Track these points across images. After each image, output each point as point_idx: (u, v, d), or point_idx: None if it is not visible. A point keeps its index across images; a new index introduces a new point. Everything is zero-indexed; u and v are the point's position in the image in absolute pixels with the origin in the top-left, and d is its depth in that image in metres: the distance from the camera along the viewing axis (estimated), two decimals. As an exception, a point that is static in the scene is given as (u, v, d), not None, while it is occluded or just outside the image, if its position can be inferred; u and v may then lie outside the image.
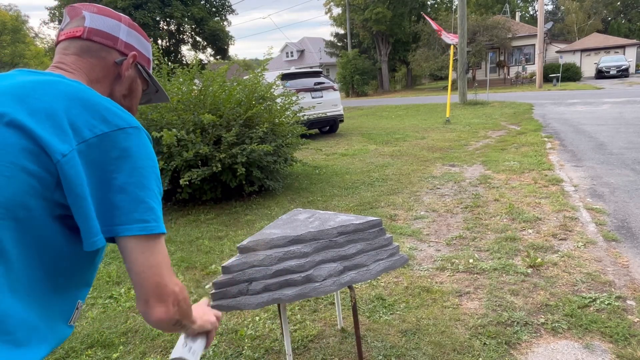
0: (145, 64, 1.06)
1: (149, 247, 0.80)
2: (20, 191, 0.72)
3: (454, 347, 2.23)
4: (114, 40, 0.97)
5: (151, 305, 0.82)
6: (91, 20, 0.96)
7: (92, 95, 0.83)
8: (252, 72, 5.93)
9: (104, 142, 0.78)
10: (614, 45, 32.10)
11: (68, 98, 0.79)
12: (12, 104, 0.77)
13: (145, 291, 0.81)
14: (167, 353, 2.39)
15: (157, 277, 0.81)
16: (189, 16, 28.96)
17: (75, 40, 0.95)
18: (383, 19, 32.12)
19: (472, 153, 7.39)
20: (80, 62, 0.94)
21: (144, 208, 0.79)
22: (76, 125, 0.77)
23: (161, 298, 0.82)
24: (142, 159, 0.81)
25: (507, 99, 17.55)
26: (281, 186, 5.70)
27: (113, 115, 0.81)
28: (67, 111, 0.78)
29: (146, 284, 0.81)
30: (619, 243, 3.38)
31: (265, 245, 1.85)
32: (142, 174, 0.80)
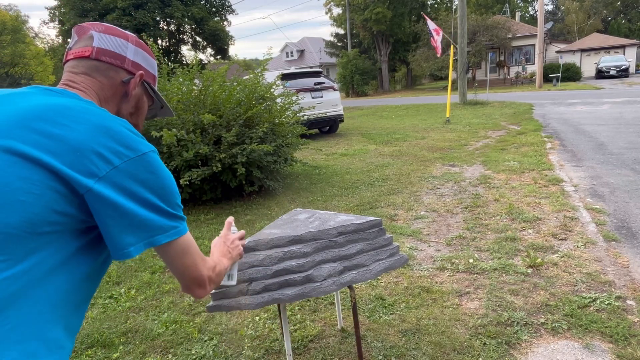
0: (151, 81, 1.08)
1: (183, 249, 0.92)
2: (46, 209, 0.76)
3: (454, 347, 2.23)
4: (122, 59, 1.00)
5: (193, 290, 1.00)
6: (99, 40, 0.98)
7: (112, 121, 0.86)
8: (252, 72, 5.93)
9: (132, 167, 0.84)
10: (614, 45, 32.10)
11: (92, 126, 0.83)
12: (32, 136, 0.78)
13: (187, 282, 0.98)
14: (167, 353, 2.39)
15: (194, 273, 0.97)
16: (189, 16, 28.96)
17: (83, 60, 0.97)
18: (383, 19, 32.12)
19: (472, 153, 7.39)
20: (89, 81, 0.97)
21: (172, 217, 0.90)
22: (103, 154, 0.81)
23: (201, 285, 1.00)
24: (165, 177, 0.90)
25: (507, 99, 17.55)
26: (281, 186, 5.70)
27: (135, 142, 0.86)
28: (94, 140, 0.81)
29: (186, 278, 0.97)
30: (619, 243, 3.38)
31: (265, 245, 1.85)
32: (167, 191, 0.89)
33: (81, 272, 0.85)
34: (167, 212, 0.88)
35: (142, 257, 3.74)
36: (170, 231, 0.89)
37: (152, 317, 2.76)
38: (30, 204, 0.74)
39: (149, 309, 2.87)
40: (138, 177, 0.84)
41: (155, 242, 0.87)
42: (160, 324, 2.66)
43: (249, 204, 5.13)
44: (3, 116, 0.81)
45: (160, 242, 0.88)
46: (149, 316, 2.78)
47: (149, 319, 2.75)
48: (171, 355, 2.38)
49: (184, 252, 0.93)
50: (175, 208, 0.90)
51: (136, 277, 3.36)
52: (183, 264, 0.94)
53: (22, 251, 0.74)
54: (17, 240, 0.74)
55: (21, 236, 0.74)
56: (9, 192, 0.74)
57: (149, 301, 2.99)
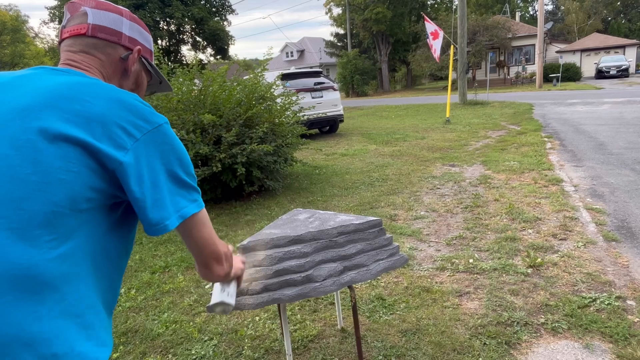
0: (148, 56, 1.07)
1: (202, 222, 0.93)
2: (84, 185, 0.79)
3: (454, 347, 2.23)
4: (118, 35, 0.98)
5: (212, 267, 0.98)
6: (93, 17, 0.96)
7: (125, 94, 0.87)
8: (252, 72, 5.93)
9: (152, 139, 0.85)
10: (614, 45, 32.09)
11: (110, 100, 0.84)
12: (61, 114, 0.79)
13: (205, 258, 0.97)
14: (167, 353, 2.39)
15: (212, 246, 0.96)
16: (189, 16, 28.96)
17: (80, 38, 0.95)
18: (383, 19, 32.11)
19: (472, 153, 7.39)
20: (89, 59, 0.96)
21: (192, 190, 0.91)
22: (125, 127, 0.83)
23: (218, 260, 0.99)
24: (180, 148, 0.91)
25: (507, 99, 17.55)
26: (281, 186, 5.70)
27: (151, 114, 0.87)
28: (114, 113, 0.82)
29: (205, 252, 0.95)
30: (619, 243, 3.38)
31: (265, 245, 1.85)
32: (185, 162, 0.91)
33: (116, 248, 0.89)
34: (189, 185, 0.90)
35: (142, 257, 3.74)
36: (193, 204, 0.90)
37: (152, 317, 2.76)
38: (70, 181, 0.77)
39: (149, 309, 2.87)
40: (158, 149, 0.86)
41: (185, 214, 0.88)
42: (160, 324, 2.66)
43: (249, 204, 5.13)
44: (28, 97, 0.81)
45: (189, 214, 0.89)
46: (149, 316, 2.78)
47: (149, 319, 2.75)
48: (171, 355, 2.38)
49: (203, 224, 0.93)
50: (193, 179, 0.92)
51: (136, 277, 3.36)
52: (202, 236, 0.93)
53: (68, 229, 0.77)
54: (62, 218, 0.76)
55: (65, 214, 0.76)
56: (51, 172, 0.75)
57: (149, 301, 2.99)
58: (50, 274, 0.74)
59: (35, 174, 0.75)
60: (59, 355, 0.73)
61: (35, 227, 0.74)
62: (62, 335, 0.75)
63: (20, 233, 0.73)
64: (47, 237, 0.74)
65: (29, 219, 0.73)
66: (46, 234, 0.74)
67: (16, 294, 0.71)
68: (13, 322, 0.71)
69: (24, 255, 0.72)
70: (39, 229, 0.74)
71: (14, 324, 0.71)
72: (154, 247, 3.98)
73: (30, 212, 0.74)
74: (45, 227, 0.74)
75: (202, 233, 0.93)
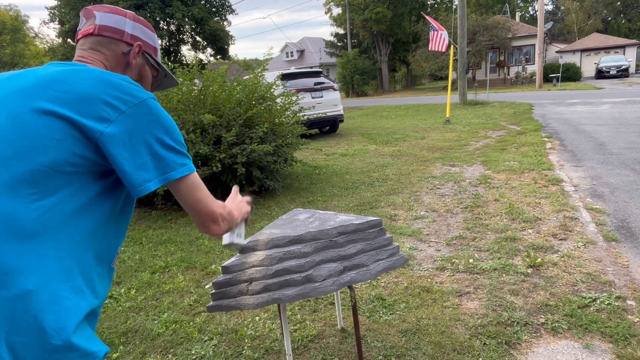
0: (151, 52, 1.20)
1: (194, 184, 1.02)
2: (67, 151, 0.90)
3: (454, 347, 2.23)
4: (121, 33, 1.13)
5: (209, 227, 1.09)
6: (100, 18, 1.12)
7: (114, 75, 0.99)
8: (252, 72, 5.93)
9: (137, 111, 0.95)
10: (614, 45, 32.09)
11: (98, 80, 0.96)
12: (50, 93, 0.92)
13: (202, 218, 1.06)
14: (167, 353, 2.39)
15: (207, 207, 1.05)
16: (189, 16, 28.93)
17: (89, 37, 1.12)
18: (383, 19, 32.11)
19: (472, 153, 7.39)
20: (95, 54, 1.11)
21: (181, 155, 1.00)
22: (110, 102, 0.94)
23: (215, 221, 1.09)
24: (167, 118, 1.00)
25: (507, 99, 17.55)
26: (281, 186, 5.70)
27: (136, 90, 0.98)
28: (100, 90, 0.94)
29: (201, 213, 1.05)
30: (619, 243, 3.38)
31: (265, 245, 1.85)
32: (172, 130, 1.00)
33: (107, 212, 0.98)
34: (176, 150, 0.99)
35: (142, 257, 3.74)
36: (181, 167, 0.99)
37: (152, 317, 2.76)
38: (53, 147, 0.89)
39: (149, 309, 2.87)
40: (144, 119, 0.96)
41: (170, 177, 0.98)
42: (160, 324, 2.66)
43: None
44: (28, 81, 0.96)
45: (174, 177, 0.98)
46: (149, 316, 2.78)
47: (149, 319, 2.75)
48: (171, 355, 2.38)
49: (196, 188, 1.02)
50: (181, 146, 1.00)
51: (136, 277, 3.36)
52: (195, 198, 1.02)
53: (51, 186, 0.89)
54: (46, 177, 0.88)
55: (49, 173, 0.88)
56: (37, 137, 0.89)
57: (149, 301, 2.99)
58: (30, 220, 0.86)
59: (23, 139, 0.88)
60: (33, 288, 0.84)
61: (20, 181, 0.87)
62: (40, 271, 0.85)
63: (7, 186, 0.86)
64: (29, 190, 0.87)
65: (15, 174, 0.87)
66: (29, 188, 0.87)
67: (2, 233, 0.84)
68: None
69: (9, 203, 0.85)
70: (23, 182, 0.87)
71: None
72: (154, 247, 3.98)
73: (16, 169, 0.87)
74: (28, 182, 0.87)
75: (194, 196, 1.02)
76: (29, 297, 0.83)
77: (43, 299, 0.84)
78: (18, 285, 0.82)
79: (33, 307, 0.83)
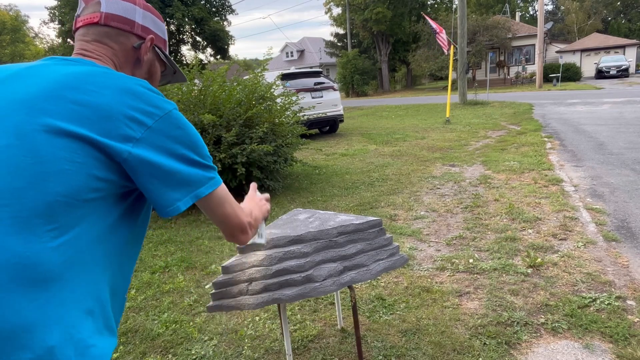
0: (162, 45, 1.07)
1: (222, 197, 0.94)
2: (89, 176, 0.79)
3: (454, 347, 2.23)
4: (131, 24, 0.98)
5: (237, 237, 1.02)
6: (107, 5, 0.96)
7: (134, 82, 0.87)
8: (252, 72, 5.93)
9: (163, 125, 0.85)
10: (614, 45, 32.09)
11: (118, 89, 0.83)
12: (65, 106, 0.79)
13: (230, 230, 1.00)
14: (167, 353, 2.39)
15: (235, 219, 0.98)
16: (189, 16, 28.94)
17: (93, 27, 0.96)
18: (383, 19, 32.10)
19: (472, 153, 7.39)
20: (102, 48, 0.96)
21: (208, 169, 0.92)
22: (135, 116, 0.82)
23: (243, 230, 1.02)
24: (192, 131, 0.91)
25: (507, 99, 17.55)
26: (281, 186, 5.70)
27: (160, 101, 0.88)
28: (122, 102, 0.82)
29: (229, 226, 0.98)
30: (619, 243, 3.38)
31: (265, 245, 1.85)
32: (198, 144, 0.91)
33: (125, 236, 0.89)
34: (203, 164, 0.90)
35: (142, 257, 3.74)
36: (209, 182, 0.91)
37: (152, 317, 2.76)
38: (74, 172, 0.77)
39: (149, 309, 2.87)
40: (170, 134, 0.86)
41: (200, 194, 0.89)
42: (160, 324, 2.66)
43: (249, 204, 5.13)
44: (34, 88, 0.81)
45: (204, 193, 0.90)
46: (149, 316, 2.78)
47: (149, 319, 2.75)
48: (171, 355, 2.38)
49: (224, 201, 0.95)
50: (207, 159, 0.92)
51: (136, 277, 3.36)
52: (224, 212, 0.96)
53: (72, 218, 0.77)
54: (67, 208, 0.76)
55: (70, 203, 0.76)
56: (53, 162, 0.75)
57: (149, 301, 2.99)
58: (51, 262, 0.74)
59: (38, 164, 0.75)
60: (57, 343, 0.73)
61: (36, 216, 0.74)
62: (63, 321, 0.74)
63: (21, 222, 0.73)
64: (48, 227, 0.74)
65: (30, 208, 0.73)
66: (47, 223, 0.74)
67: (17, 282, 0.71)
68: (13, 310, 0.71)
69: (24, 244, 0.72)
70: (40, 218, 0.74)
71: (14, 312, 0.71)
72: (154, 247, 3.98)
73: (31, 202, 0.74)
74: (46, 216, 0.74)
75: (223, 209, 0.95)
76: (53, 356, 0.72)
77: (70, 354, 0.74)
78: (41, 343, 0.71)
79: None
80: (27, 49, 47.98)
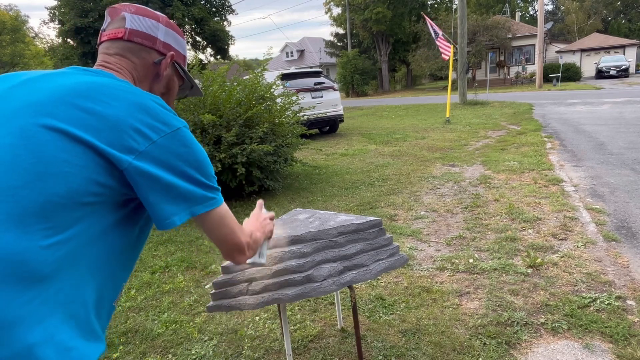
0: (181, 61, 1.10)
1: (221, 218, 0.95)
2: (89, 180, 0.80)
3: (454, 347, 2.23)
4: (153, 40, 1.02)
5: (235, 257, 1.03)
6: (131, 22, 1.00)
7: (147, 98, 0.89)
8: (252, 72, 5.93)
9: (169, 141, 0.87)
10: (614, 45, 32.09)
11: (129, 102, 0.86)
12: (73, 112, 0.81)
13: (228, 249, 1.00)
14: (167, 353, 2.39)
15: (234, 239, 0.99)
16: (189, 16, 28.95)
17: (117, 41, 1.00)
18: (383, 19, 32.10)
19: (472, 153, 7.39)
20: (123, 62, 1.00)
21: (210, 189, 0.93)
22: (141, 130, 0.84)
23: (241, 251, 1.02)
24: (199, 151, 0.92)
25: (507, 99, 17.55)
26: (281, 186, 5.70)
27: (170, 118, 0.90)
28: (131, 116, 0.84)
29: (227, 245, 0.99)
30: (619, 243, 3.38)
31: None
32: (202, 164, 0.92)
33: (119, 243, 0.89)
34: (204, 184, 0.92)
35: (142, 257, 3.74)
36: (208, 202, 0.92)
37: (152, 317, 2.76)
38: (73, 174, 0.78)
39: (149, 309, 2.87)
40: (175, 151, 0.87)
41: (196, 211, 0.91)
42: (160, 324, 2.66)
43: (249, 204, 5.13)
44: (45, 92, 0.84)
45: (201, 211, 0.91)
46: (149, 316, 2.78)
47: (149, 319, 2.75)
48: (171, 355, 2.38)
49: (222, 221, 0.96)
50: (210, 180, 0.94)
51: (136, 277, 3.36)
52: (221, 232, 0.96)
53: (67, 220, 0.78)
54: (63, 209, 0.77)
55: (67, 205, 0.78)
56: (54, 164, 0.77)
57: (149, 301, 2.99)
58: (39, 261, 0.74)
59: (38, 165, 0.76)
60: (37, 342, 0.73)
61: (31, 216, 0.75)
62: (45, 321, 0.74)
63: (16, 220, 0.74)
64: (41, 226, 0.75)
65: (25, 207, 0.74)
66: (41, 223, 0.75)
67: (4, 279, 0.72)
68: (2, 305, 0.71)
69: (16, 241, 0.73)
70: (34, 217, 0.75)
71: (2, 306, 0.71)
72: (154, 247, 3.98)
73: (27, 201, 0.75)
74: (40, 216, 0.75)
75: (221, 230, 0.96)
76: (32, 354, 0.71)
77: (50, 354, 0.73)
78: (20, 340, 0.71)
79: None
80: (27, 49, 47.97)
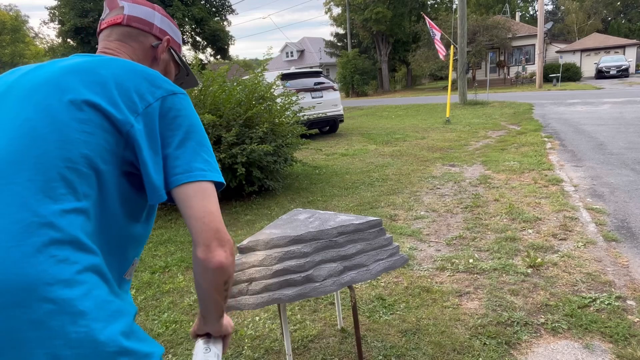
0: (176, 48, 1.17)
1: (208, 194, 0.89)
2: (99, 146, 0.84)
3: (454, 347, 2.23)
4: (150, 25, 1.10)
5: (213, 249, 0.87)
6: (129, 9, 1.08)
7: (143, 67, 0.96)
8: (252, 72, 5.93)
9: (163, 105, 0.91)
10: (614, 45, 32.09)
11: (130, 69, 0.92)
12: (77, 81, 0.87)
13: (207, 236, 0.87)
14: (167, 353, 2.39)
15: (217, 223, 0.88)
16: (189, 16, 28.94)
17: (116, 27, 1.07)
18: (383, 19, 32.10)
19: (472, 153, 7.39)
20: (123, 46, 1.07)
21: (201, 159, 0.91)
22: (141, 92, 0.90)
23: (221, 242, 0.89)
24: (194, 118, 0.94)
25: (507, 99, 17.54)
26: (281, 186, 5.70)
27: (166, 83, 0.94)
28: (130, 79, 0.90)
29: (207, 228, 0.87)
30: (619, 243, 3.38)
31: (265, 245, 1.85)
32: (196, 131, 0.94)
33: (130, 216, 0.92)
34: (194, 152, 0.92)
35: (142, 257, 3.74)
36: (195, 172, 0.90)
37: (152, 317, 2.76)
38: (85, 141, 0.83)
39: (149, 309, 2.87)
40: (168, 115, 0.90)
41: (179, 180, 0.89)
42: (160, 324, 2.66)
43: (248, 204, 5.13)
44: (54, 72, 0.90)
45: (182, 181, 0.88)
46: (149, 316, 2.78)
47: (149, 319, 2.75)
48: (171, 355, 2.38)
49: (210, 196, 0.89)
50: (204, 150, 0.94)
51: (136, 277, 3.36)
52: (206, 208, 0.88)
53: (85, 185, 0.82)
54: (78, 175, 0.82)
55: (81, 171, 0.82)
56: (67, 131, 0.83)
57: (149, 301, 2.99)
58: (66, 225, 0.78)
59: (53, 133, 0.82)
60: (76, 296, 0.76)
61: (52, 181, 0.79)
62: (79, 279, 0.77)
63: (40, 185, 0.78)
64: (62, 190, 0.80)
65: (46, 172, 0.79)
66: (63, 187, 0.80)
67: (35, 239, 0.75)
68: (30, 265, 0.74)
69: (42, 206, 0.77)
70: (56, 182, 0.79)
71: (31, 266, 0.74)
72: (154, 247, 3.98)
73: (48, 166, 0.80)
74: (61, 180, 0.80)
75: (207, 206, 0.88)
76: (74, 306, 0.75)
77: (89, 305, 0.76)
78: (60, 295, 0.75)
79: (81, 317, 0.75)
80: (27, 49, 48.00)
